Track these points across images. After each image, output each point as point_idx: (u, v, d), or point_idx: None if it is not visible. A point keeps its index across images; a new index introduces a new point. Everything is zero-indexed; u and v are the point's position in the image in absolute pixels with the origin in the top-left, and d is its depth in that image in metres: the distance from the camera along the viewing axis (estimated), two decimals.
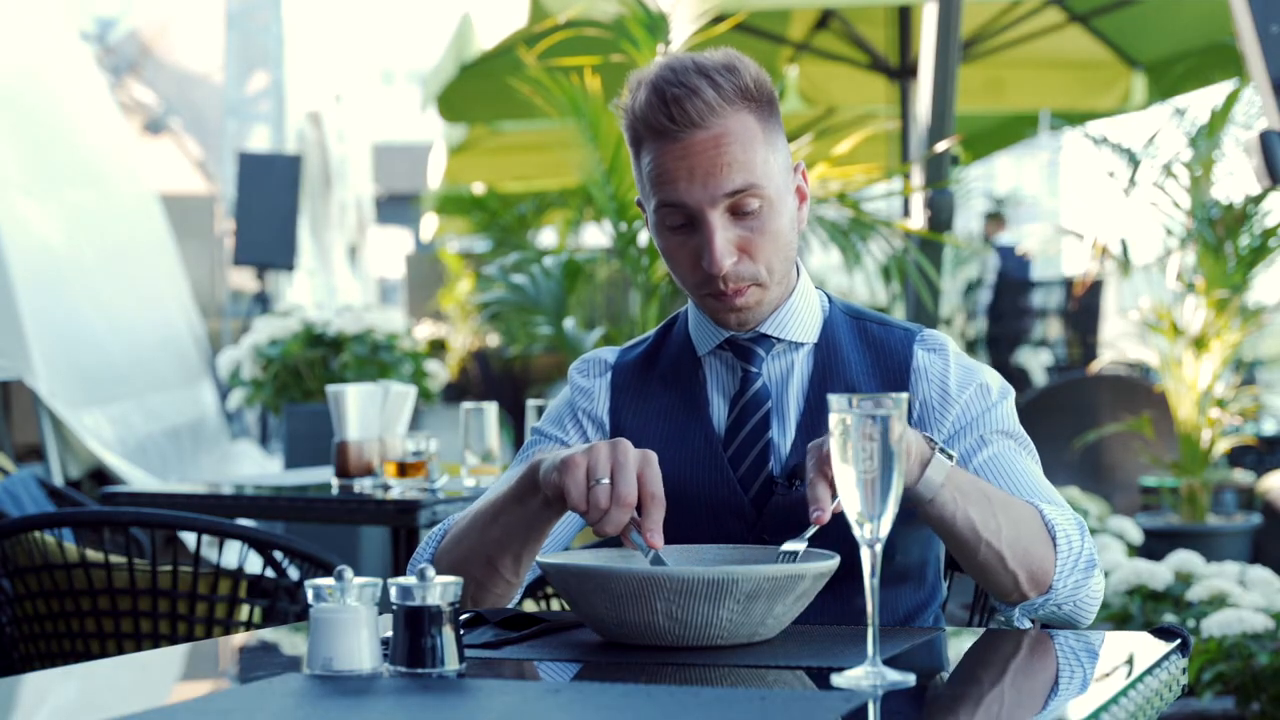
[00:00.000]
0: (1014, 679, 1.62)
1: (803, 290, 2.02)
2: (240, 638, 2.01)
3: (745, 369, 2.01)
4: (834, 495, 1.65)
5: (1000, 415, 1.97)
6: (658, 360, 2.08)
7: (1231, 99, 6.24)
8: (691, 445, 2.00)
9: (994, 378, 2.00)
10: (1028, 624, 1.86)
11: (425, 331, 10.81)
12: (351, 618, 1.50)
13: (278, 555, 2.89)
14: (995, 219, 13.37)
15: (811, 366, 2.01)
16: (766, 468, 1.97)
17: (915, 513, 1.97)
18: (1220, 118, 6.19)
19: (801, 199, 2.00)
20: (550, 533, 1.88)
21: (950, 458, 1.76)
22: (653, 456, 1.74)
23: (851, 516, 1.49)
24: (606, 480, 1.70)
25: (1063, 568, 1.84)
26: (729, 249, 1.91)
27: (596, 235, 10.83)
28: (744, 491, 1.97)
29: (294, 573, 2.90)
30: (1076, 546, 1.85)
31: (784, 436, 1.98)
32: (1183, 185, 6.24)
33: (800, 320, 2.01)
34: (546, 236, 12.65)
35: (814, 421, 1.97)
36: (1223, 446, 6.30)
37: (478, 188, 11.19)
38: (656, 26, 4.52)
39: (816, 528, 1.72)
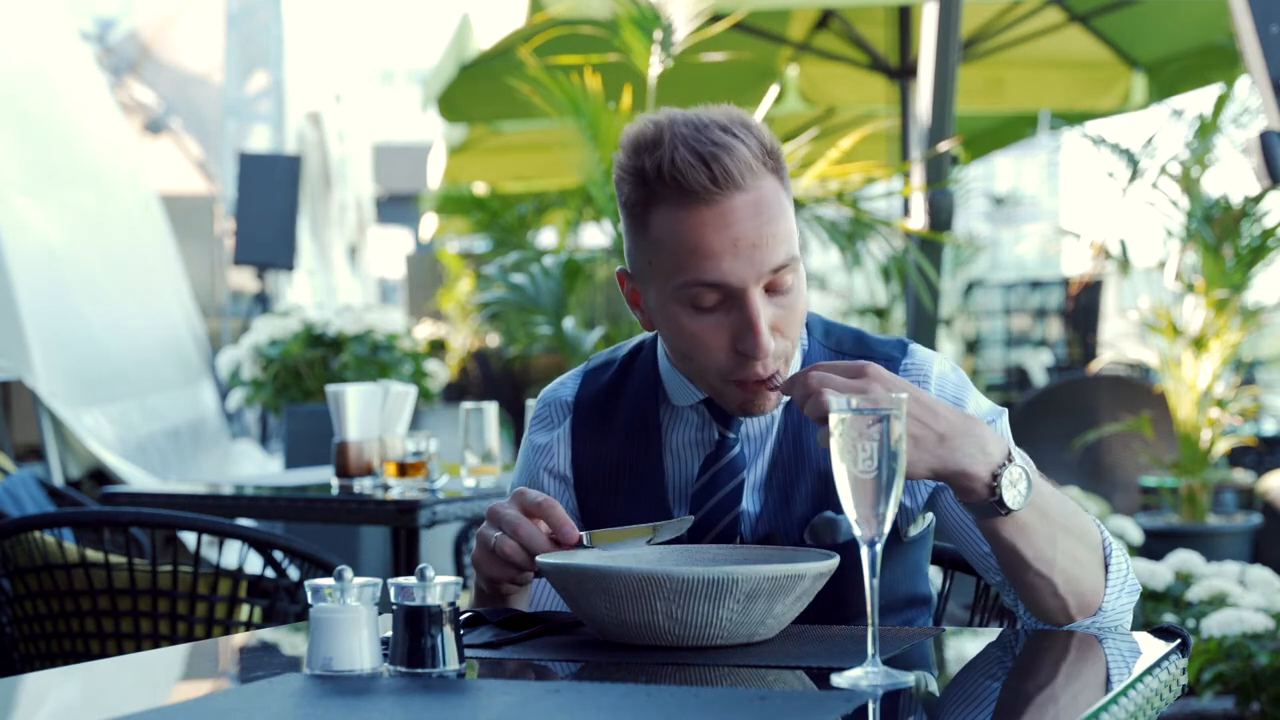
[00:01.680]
0: (1014, 679, 1.62)
1: None
2: (240, 638, 2.01)
3: (723, 433, 1.88)
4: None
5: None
6: (621, 397, 1.94)
7: (1222, 99, 6.24)
8: (652, 505, 1.89)
9: (981, 403, 1.89)
10: None
11: (425, 331, 10.82)
12: (351, 618, 1.50)
13: (278, 555, 2.89)
14: None
15: (784, 423, 1.88)
16: (735, 539, 1.87)
17: (900, 548, 1.91)
18: (1216, 117, 6.19)
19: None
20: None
21: (1012, 505, 1.68)
22: (524, 490, 1.76)
23: (851, 517, 1.49)
24: (498, 533, 1.74)
25: (1113, 590, 1.78)
26: (768, 324, 1.75)
27: (596, 235, 10.83)
28: None
29: (294, 573, 2.90)
30: (1124, 569, 1.79)
31: (755, 501, 1.87)
32: (1181, 186, 6.25)
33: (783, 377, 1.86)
34: (546, 236, 12.65)
35: (786, 481, 1.87)
36: (1223, 446, 6.30)
37: (478, 188, 11.19)
38: (650, 25, 4.51)
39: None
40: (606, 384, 1.97)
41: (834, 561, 1.67)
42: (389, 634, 1.54)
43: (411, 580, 1.51)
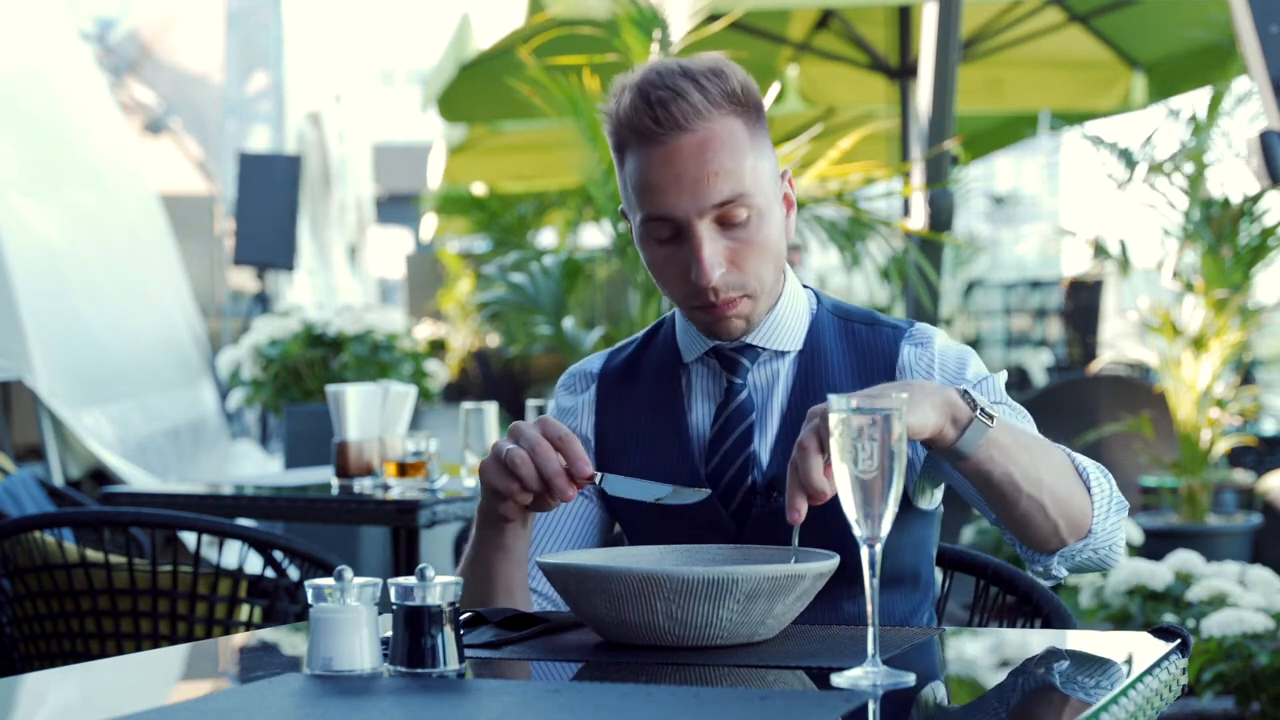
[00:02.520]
0: (1014, 679, 1.62)
1: (789, 297, 1.99)
2: (240, 638, 2.01)
3: (730, 380, 1.98)
4: (810, 497, 1.65)
5: (988, 387, 1.94)
6: (642, 366, 2.05)
7: (1218, 99, 6.23)
8: (670, 458, 1.97)
9: (981, 368, 1.97)
10: (1064, 573, 1.84)
11: (425, 331, 10.82)
12: (351, 618, 1.50)
13: (278, 555, 2.89)
14: None
15: (795, 374, 1.97)
16: (748, 480, 1.94)
17: (908, 517, 1.95)
18: (1212, 116, 6.19)
19: (789, 207, 1.96)
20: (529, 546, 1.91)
21: (990, 419, 1.72)
22: (549, 419, 1.78)
23: (851, 516, 1.49)
24: (513, 445, 1.76)
25: (1099, 511, 1.82)
26: (718, 260, 1.87)
27: (596, 235, 10.84)
28: (724, 505, 1.94)
29: (294, 573, 2.89)
30: (1106, 489, 1.84)
31: (766, 447, 1.95)
32: (1180, 186, 6.24)
33: (786, 328, 1.98)
34: (546, 236, 12.66)
35: (794, 431, 1.92)
36: (1223, 446, 6.30)
37: (478, 188, 11.20)
38: (649, 25, 4.52)
39: (796, 531, 1.70)
40: (629, 358, 2.07)
41: (834, 561, 1.68)
42: (389, 634, 1.54)
43: (411, 580, 1.51)
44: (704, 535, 1.94)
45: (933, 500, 2.00)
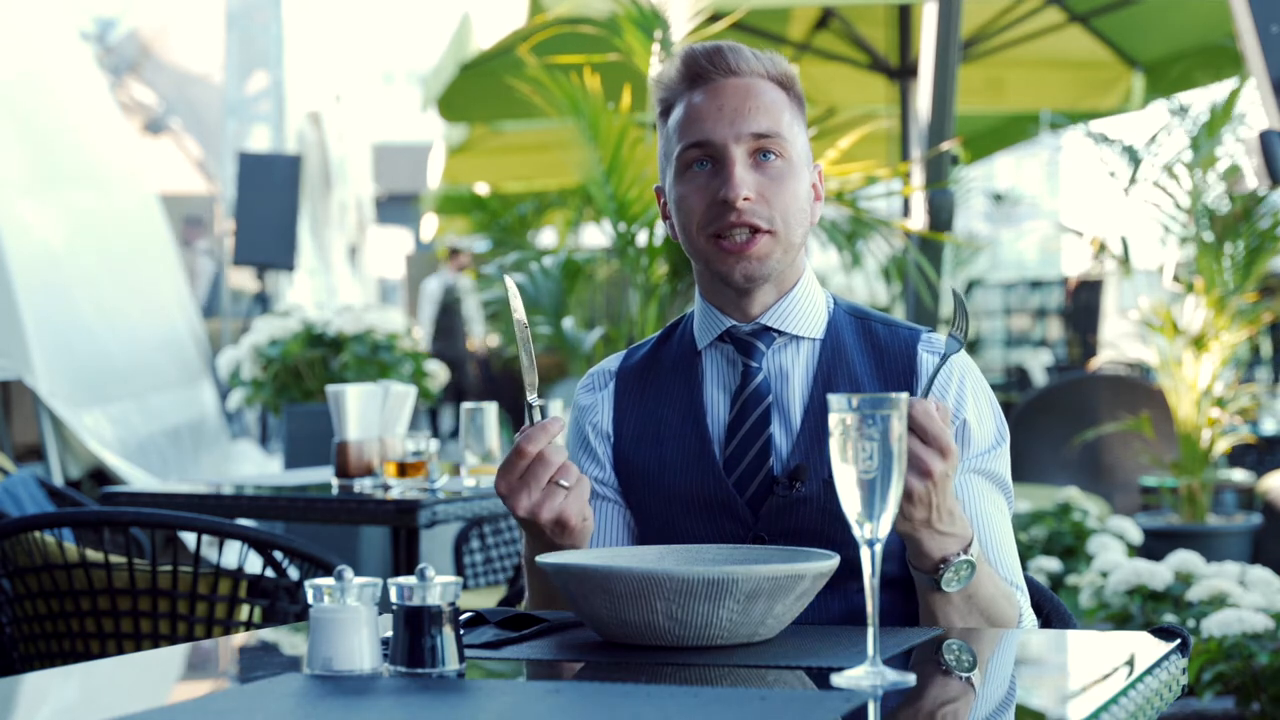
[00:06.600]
0: (1014, 679, 1.62)
1: (806, 284, 2.02)
2: (240, 638, 2.01)
3: (746, 363, 2.00)
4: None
5: (991, 458, 1.96)
6: (660, 359, 2.09)
7: (1233, 97, 6.24)
8: (687, 444, 2.00)
9: (985, 421, 1.98)
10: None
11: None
12: (351, 618, 1.50)
13: (278, 555, 2.89)
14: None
15: (816, 362, 2.00)
16: (766, 465, 1.96)
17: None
18: (1221, 117, 6.19)
19: (816, 195, 2.03)
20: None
21: (957, 580, 1.79)
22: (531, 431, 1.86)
23: (851, 517, 1.49)
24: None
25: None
26: (748, 181, 1.94)
27: (596, 235, 10.84)
28: (739, 491, 1.96)
29: (294, 573, 2.89)
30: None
31: (786, 434, 1.97)
32: (1182, 186, 6.24)
33: (803, 314, 2.01)
34: (546, 236, 12.66)
35: (818, 419, 1.95)
36: (1222, 446, 6.30)
37: (479, 188, 11.20)
38: (650, 25, 4.51)
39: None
40: (648, 352, 2.12)
41: (834, 561, 1.67)
42: (389, 634, 1.54)
43: (411, 580, 1.51)
44: (720, 523, 1.96)
45: None
